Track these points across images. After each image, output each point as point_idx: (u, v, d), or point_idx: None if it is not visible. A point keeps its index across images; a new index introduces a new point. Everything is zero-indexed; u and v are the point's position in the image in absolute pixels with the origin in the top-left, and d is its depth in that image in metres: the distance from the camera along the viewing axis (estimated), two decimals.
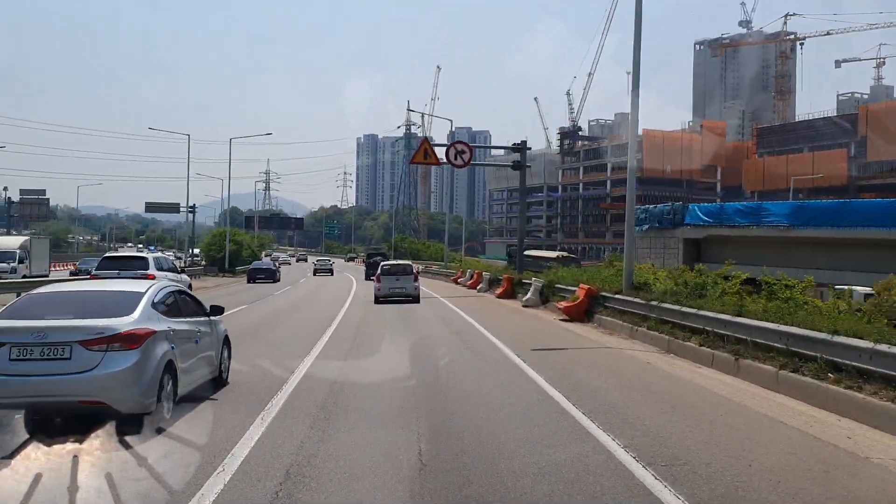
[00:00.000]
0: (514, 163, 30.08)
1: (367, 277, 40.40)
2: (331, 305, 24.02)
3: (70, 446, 5.39)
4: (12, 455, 5.59)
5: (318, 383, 9.24)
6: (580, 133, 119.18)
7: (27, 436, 6.25)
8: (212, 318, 8.86)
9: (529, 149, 29.71)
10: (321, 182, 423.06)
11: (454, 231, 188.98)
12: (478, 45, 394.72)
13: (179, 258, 60.92)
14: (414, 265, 30.02)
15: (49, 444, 5.55)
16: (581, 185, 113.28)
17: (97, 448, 5.51)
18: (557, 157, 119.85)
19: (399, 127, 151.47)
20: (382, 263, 28.53)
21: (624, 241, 18.22)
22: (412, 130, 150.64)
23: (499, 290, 28.72)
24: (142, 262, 21.40)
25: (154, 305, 7.29)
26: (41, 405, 6.41)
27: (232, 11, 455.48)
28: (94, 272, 21.19)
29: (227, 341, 9.34)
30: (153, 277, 17.52)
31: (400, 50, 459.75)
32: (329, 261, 63.37)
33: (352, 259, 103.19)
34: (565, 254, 64.01)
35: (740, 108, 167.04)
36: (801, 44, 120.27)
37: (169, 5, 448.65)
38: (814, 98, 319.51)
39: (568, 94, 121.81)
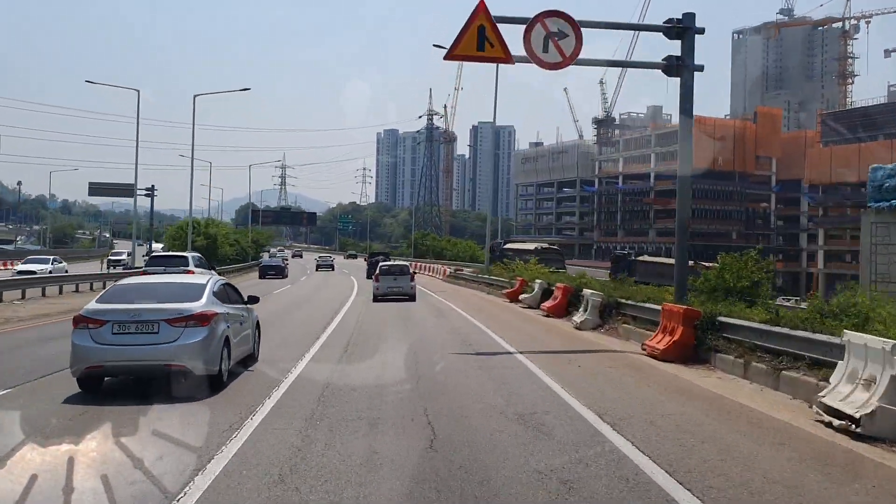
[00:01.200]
0: (668, 61, 13.76)
1: (369, 276, 42.07)
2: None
3: (65, 447, 6.12)
4: (8, 456, 5.81)
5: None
6: (617, 122, 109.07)
7: (23, 437, 6.52)
8: (249, 305, 11.14)
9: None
10: (342, 179, 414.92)
11: (476, 229, 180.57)
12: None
13: (119, 260, 49.14)
14: (411, 265, 32.70)
15: (45, 446, 6.16)
16: (621, 177, 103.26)
17: (92, 449, 6.18)
18: (593, 147, 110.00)
19: (420, 117, 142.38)
20: (381, 264, 29.24)
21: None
22: (433, 122, 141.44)
23: (549, 304, 21.76)
24: (183, 261, 25.07)
25: (214, 293, 9.42)
26: (136, 368, 8.65)
27: (240, 2, 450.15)
28: (144, 268, 24.90)
29: (258, 325, 11.64)
30: (192, 272, 20.98)
31: (420, 44, 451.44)
32: (330, 257, 70.64)
33: (352, 256, 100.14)
34: (546, 245, 54.21)
35: (786, 98, 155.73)
36: (868, 22, 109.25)
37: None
38: (862, 87, 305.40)
39: (601, 82, 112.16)
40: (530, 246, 56.33)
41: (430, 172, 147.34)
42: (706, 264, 51.67)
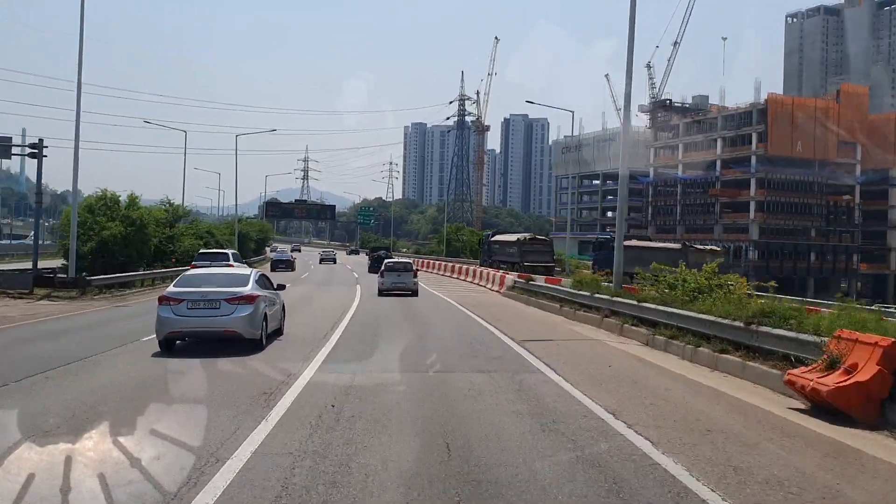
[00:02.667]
0: None
1: (371, 271, 42.15)
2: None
3: (63, 446, 6.15)
4: (5, 455, 5.87)
5: None
6: (673, 104, 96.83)
7: (20, 436, 6.54)
8: (278, 291, 14.37)
9: None
10: (368, 174, 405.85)
11: (508, 226, 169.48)
12: (535, 20, 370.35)
13: None
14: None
15: (42, 445, 6.16)
16: (680, 166, 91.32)
17: (90, 448, 6.26)
18: (645, 134, 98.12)
19: (451, 102, 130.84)
20: (386, 261, 30.66)
21: None
22: (465, 107, 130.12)
23: (833, 380, 8.81)
24: (225, 256, 29.74)
25: (256, 281, 12.87)
26: (203, 333, 12.03)
27: None
28: (193, 262, 28.45)
29: (284, 307, 14.74)
30: (232, 266, 25.05)
31: (449, 29, 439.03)
32: (332, 252, 74.77)
33: (354, 252, 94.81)
34: (530, 235, 46.80)
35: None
36: None
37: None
38: None
39: (648, 66, 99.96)
40: (511, 237, 46.79)
41: (461, 163, 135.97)
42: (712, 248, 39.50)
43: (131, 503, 4.75)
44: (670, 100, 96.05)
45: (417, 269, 29.76)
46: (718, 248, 36.53)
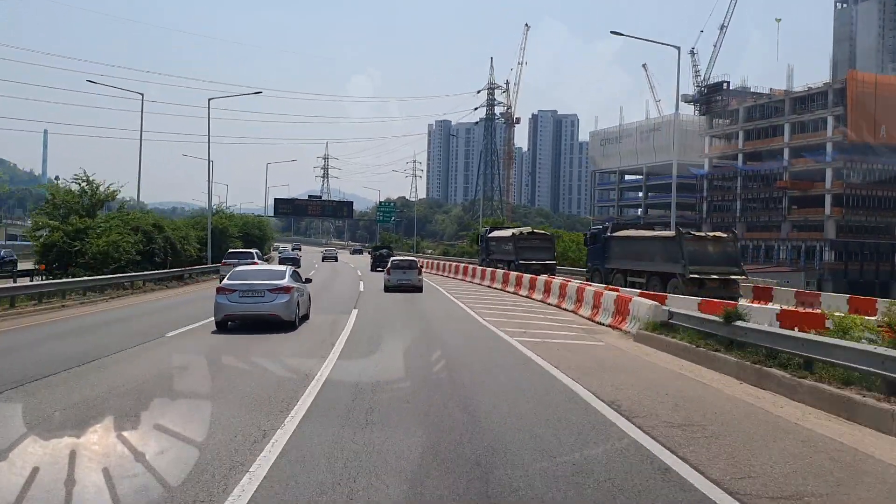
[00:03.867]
0: None
1: (373, 268, 44.66)
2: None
3: (67, 440, 6.26)
4: (10, 449, 6.03)
5: None
6: (730, 87, 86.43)
7: (25, 429, 6.68)
8: (305, 283, 17.31)
9: None
10: (391, 174, 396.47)
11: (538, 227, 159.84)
12: (557, 10, 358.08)
13: None
14: (419, 259, 36.33)
15: (46, 439, 6.35)
16: (740, 156, 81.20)
17: (94, 442, 6.34)
18: (695, 122, 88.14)
19: (479, 91, 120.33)
20: (392, 259, 31.76)
21: None
22: (494, 96, 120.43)
23: None
24: (251, 255, 33.50)
25: (290, 276, 15.77)
26: (250, 316, 14.65)
27: None
28: (224, 261, 32.90)
29: (310, 297, 17.68)
30: (257, 263, 29.80)
31: (475, 20, 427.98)
32: (334, 250, 76.62)
33: (357, 252, 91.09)
34: (527, 229, 42.30)
35: None
36: None
37: None
38: None
39: (692, 52, 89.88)
40: (507, 232, 42.00)
41: (490, 157, 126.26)
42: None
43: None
44: (727, 82, 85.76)
45: (421, 266, 30.96)
46: (726, 234, 26.24)
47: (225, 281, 15.61)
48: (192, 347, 12.60)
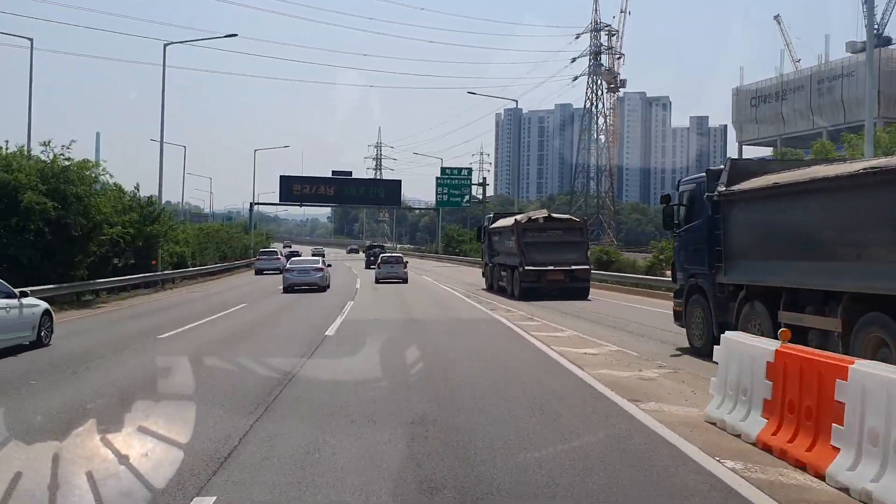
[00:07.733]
0: None
1: (368, 266, 48.01)
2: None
3: (51, 443, 6.12)
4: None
5: None
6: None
7: (7, 433, 6.67)
8: (328, 265, 31.91)
9: None
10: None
11: (634, 225, 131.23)
12: None
13: None
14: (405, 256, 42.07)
15: (29, 443, 6.20)
16: None
17: (77, 445, 6.30)
18: None
19: (578, 36, 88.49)
20: (381, 255, 38.44)
21: None
22: (600, 39, 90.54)
23: None
24: (276, 253, 47.31)
25: (323, 261, 31.79)
26: (303, 284, 28.16)
27: None
28: (258, 256, 48.18)
29: (330, 275, 30.86)
30: (280, 259, 44.21)
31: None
32: (322, 249, 72.44)
33: (353, 251, 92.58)
34: (541, 213, 28.26)
35: None
36: None
37: None
38: None
39: None
40: (509, 221, 28.18)
41: (590, 130, 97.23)
42: None
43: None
44: None
45: (407, 262, 37.48)
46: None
47: (287, 265, 31.18)
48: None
